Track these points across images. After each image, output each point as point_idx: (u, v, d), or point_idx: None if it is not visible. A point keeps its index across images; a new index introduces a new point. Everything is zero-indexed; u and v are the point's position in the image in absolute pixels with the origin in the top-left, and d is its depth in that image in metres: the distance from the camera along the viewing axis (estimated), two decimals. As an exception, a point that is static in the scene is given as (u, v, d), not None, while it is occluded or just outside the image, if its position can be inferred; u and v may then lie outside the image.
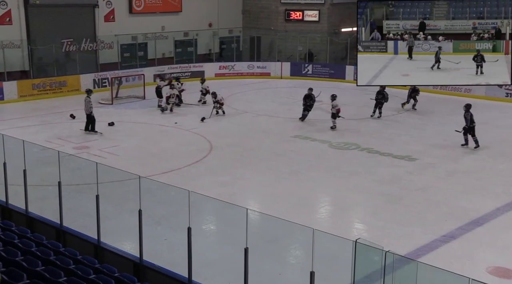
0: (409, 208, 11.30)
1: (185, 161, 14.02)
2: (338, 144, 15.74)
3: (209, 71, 26.42)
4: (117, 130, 17.06)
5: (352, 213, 11.26)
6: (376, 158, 14.58)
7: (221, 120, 18.46)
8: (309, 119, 18.69)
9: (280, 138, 16.36)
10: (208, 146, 15.44)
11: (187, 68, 26.14)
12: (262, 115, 19.38)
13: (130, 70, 24.15)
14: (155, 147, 15.39)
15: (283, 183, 12.65)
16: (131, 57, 25.73)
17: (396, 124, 18.21)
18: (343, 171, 13.52)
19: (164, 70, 25.61)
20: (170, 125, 17.79)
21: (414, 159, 14.37)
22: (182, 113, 19.70)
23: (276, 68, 27.16)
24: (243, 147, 15.47)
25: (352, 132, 17.14)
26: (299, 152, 15.05)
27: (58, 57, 23.51)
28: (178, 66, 26.12)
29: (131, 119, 18.62)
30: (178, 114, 19.49)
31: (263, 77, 27.02)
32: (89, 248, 8.29)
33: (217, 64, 27.21)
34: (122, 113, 19.41)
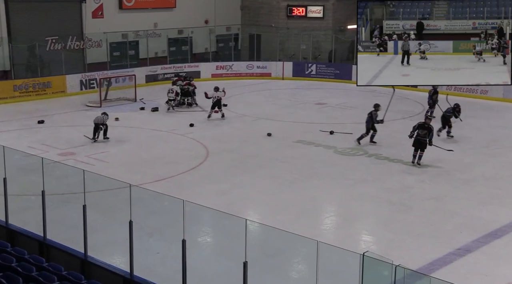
0: (421, 218, 11.30)
1: (179, 168, 14.03)
2: (344, 150, 15.75)
3: (205, 72, 26.50)
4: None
5: (359, 224, 11.26)
6: (385, 165, 14.59)
7: (219, 124, 18.47)
8: (312, 124, 18.70)
9: (282, 144, 16.38)
10: (204, 152, 15.45)
11: (181, 68, 26.17)
12: (263, 119, 19.40)
13: (120, 71, 24.17)
14: (147, 153, 15.40)
15: (285, 192, 12.65)
16: (121, 57, 25.77)
17: (406, 129, 18.19)
18: (349, 178, 13.53)
19: (156, 70, 25.66)
20: (163, 129, 17.81)
21: (426, 166, 14.37)
22: (176, 117, 19.71)
23: (277, 68, 27.23)
24: (242, 153, 15.49)
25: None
26: (302, 158, 15.05)
27: (42, 56, 23.56)
28: (172, 66, 26.16)
29: (121, 123, 18.63)
30: (174, 116, 19.52)
31: (264, 77, 27.08)
32: (75, 263, 8.27)
33: (214, 64, 27.26)
34: (112, 116, 19.41)
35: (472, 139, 16.31)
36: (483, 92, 21.68)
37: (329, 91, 24.44)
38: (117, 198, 10.49)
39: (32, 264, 7.54)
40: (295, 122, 18.96)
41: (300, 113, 20.47)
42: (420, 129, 14.12)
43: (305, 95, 23.56)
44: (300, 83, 26.18)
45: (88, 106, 21.12)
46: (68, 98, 22.40)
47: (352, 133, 17.28)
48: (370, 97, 23.11)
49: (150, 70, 25.48)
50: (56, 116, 19.50)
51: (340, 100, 22.64)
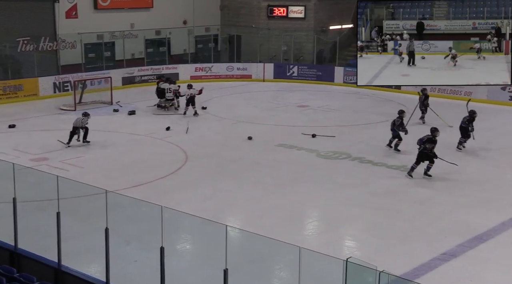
0: (406, 223, 11.37)
1: (158, 173, 13.97)
2: (327, 154, 15.81)
3: (184, 73, 26.41)
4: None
5: (343, 229, 11.30)
6: (369, 168, 14.67)
7: (198, 128, 18.43)
8: (294, 127, 18.75)
9: (264, 147, 16.38)
10: (183, 157, 15.39)
11: (159, 70, 26.08)
12: (243, 122, 19.38)
13: (96, 73, 24.02)
14: (124, 158, 15.30)
15: (267, 197, 12.65)
16: (97, 58, 25.61)
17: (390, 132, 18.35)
18: (333, 183, 13.57)
19: (133, 72, 25.54)
20: (141, 133, 17.71)
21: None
22: (153, 120, 19.61)
23: (258, 70, 27.28)
24: (222, 157, 15.46)
25: (342, 140, 17.22)
26: (285, 162, 15.08)
27: (12, 57, 23.27)
28: (150, 68, 26.06)
29: (97, 126, 18.49)
30: (152, 120, 19.42)
31: (244, 79, 27.08)
32: (48, 272, 8.17)
33: (192, 65, 27.22)
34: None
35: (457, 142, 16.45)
36: (467, 94, 21.93)
37: (311, 93, 24.53)
38: (93, 204, 10.42)
39: (2, 275, 7.43)
40: (276, 125, 18.97)
41: (282, 115, 20.50)
42: (428, 143, 13.71)
43: (287, 98, 23.61)
44: (281, 85, 26.24)
45: (62, 109, 20.92)
46: (40, 102, 22.16)
47: (335, 136, 17.36)
48: (353, 99, 23.29)
49: (126, 72, 25.34)
50: (28, 120, 19.26)
51: (322, 102, 22.73)
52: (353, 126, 18.93)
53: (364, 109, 21.27)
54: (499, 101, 21.18)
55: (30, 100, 22.13)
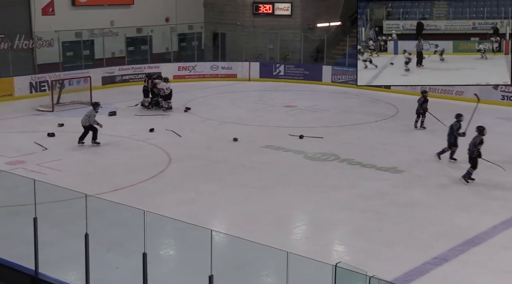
0: (396, 226, 11.44)
1: (140, 176, 13.94)
2: (314, 155, 15.87)
3: (166, 73, 26.31)
4: (59, 142, 16.81)
5: (332, 234, 11.34)
6: (358, 170, 14.75)
7: (182, 129, 18.42)
8: (281, 128, 18.79)
9: (250, 149, 16.41)
10: (166, 159, 15.37)
11: (140, 69, 26.05)
12: (228, 123, 19.41)
13: (74, 72, 23.91)
14: (105, 161, 15.26)
15: (254, 200, 12.67)
16: (75, 57, 25.47)
17: (380, 132, 18.49)
18: (321, 185, 13.63)
19: (114, 71, 25.45)
20: (122, 135, 17.65)
21: (401, 171, 14.59)
22: (135, 121, 19.54)
23: (243, 69, 27.32)
24: (207, 160, 15.46)
25: (330, 141, 17.29)
26: (271, 164, 15.12)
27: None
28: (131, 67, 26.02)
29: (76, 128, 18.39)
30: (133, 121, 19.35)
31: (229, 79, 27.10)
32: (24, 281, 8.12)
33: (175, 64, 27.21)
34: (65, 121, 19.15)
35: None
36: (458, 94, 22.15)
37: (298, 93, 24.62)
38: (72, 209, 10.37)
39: (-23, 284, 7.37)
40: (262, 126, 19.02)
41: (268, 116, 20.54)
42: (480, 145, 13.50)
43: (273, 97, 23.66)
44: (267, 85, 26.29)
45: (39, 110, 20.79)
46: (16, 102, 22.01)
47: (322, 137, 17.43)
48: (341, 99, 23.41)
49: (106, 71, 25.25)
50: (3, 122, 19.11)
51: (310, 102, 22.82)
52: (341, 127, 19.02)
53: (352, 109, 21.40)
54: (491, 100, 21.10)
55: (5, 101, 21.96)
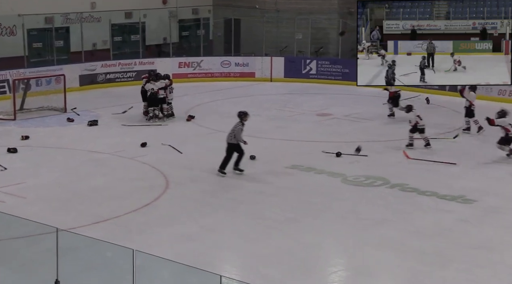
0: (464, 274, 11.35)
1: (128, 205, 13.98)
2: (356, 179, 15.83)
3: (164, 70, 26.16)
4: (23, 159, 16.95)
5: (377, 281, 11.30)
6: (413, 199, 14.69)
7: (183, 143, 18.49)
8: (312, 142, 18.81)
9: (270, 170, 16.42)
10: (162, 182, 15.41)
11: (130, 65, 26.14)
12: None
13: (43, 69, 24.10)
14: (82, 185, 15.31)
15: (274, 237, 12.66)
16: (45, 49, 25.72)
17: (442, 148, 18.43)
18: (364, 218, 13.59)
19: (95, 68, 25.56)
20: (105, 151, 17.74)
21: (471, 201, 14.49)
22: (123, 133, 19.66)
23: (263, 66, 27.37)
24: (214, 183, 15.49)
25: (375, 160, 17.27)
26: (298, 190, 15.09)
27: None
28: (117, 63, 26.12)
29: (45, 142, 18.55)
30: (120, 132, 19.48)
31: (245, 79, 27.20)
32: None
33: (175, 59, 27.32)
34: (31, 133, 19.31)
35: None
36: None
37: (334, 97, 24.61)
38: (39, 248, 10.41)
39: None
40: (287, 140, 19.03)
41: (295, 127, 20.54)
42: None
43: (302, 103, 23.65)
44: (294, 87, 26.29)
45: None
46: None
47: (366, 155, 17.39)
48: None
49: (86, 68, 25.42)
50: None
51: (349, 109, 22.77)
52: (390, 142, 18.99)
53: (404, 118, 21.20)
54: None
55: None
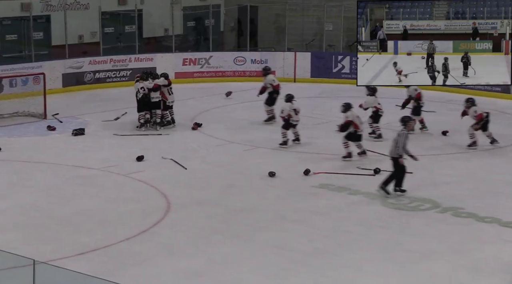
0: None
1: (121, 231, 14.00)
2: (399, 201, 15.80)
3: (164, 68, 26.33)
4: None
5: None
6: (469, 226, 14.65)
7: (188, 157, 18.53)
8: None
9: (294, 190, 16.43)
10: (162, 205, 15.42)
11: (123, 62, 26.24)
12: (261, 148, 19.55)
13: (18, 66, 24.27)
14: (66, 208, 15.33)
15: (299, 273, 12.65)
16: (20, 42, 25.82)
17: (505, 164, 18.41)
18: (408, 250, 13.56)
19: (82, 65, 25.65)
20: (93, 166, 17.82)
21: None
22: (113, 144, 19.73)
23: (285, 63, 27.47)
24: (225, 206, 15.48)
25: (423, 178, 17.28)
26: (328, 215, 15.07)
27: None
28: (108, 59, 26.26)
29: (20, 155, 18.65)
30: (113, 143, 19.56)
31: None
32: None
33: (179, 55, 27.53)
34: (3, 144, 19.42)
35: None
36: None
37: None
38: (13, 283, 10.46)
39: None
40: (315, 154, 19.07)
41: (324, 138, 20.61)
42: None
43: (332, 108, 23.63)
44: (323, 88, 26.35)
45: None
46: None
47: (411, 172, 17.34)
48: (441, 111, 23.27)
49: (70, 65, 25.59)
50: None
51: (390, 115, 22.60)
52: (440, 156, 19.07)
53: (460, 128, 21.14)
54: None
55: None
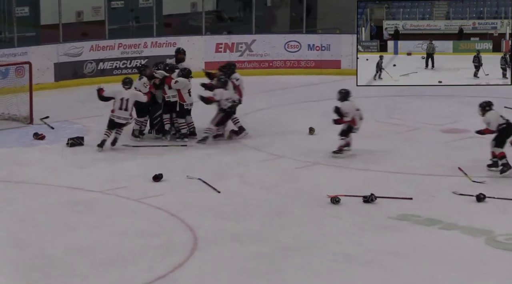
0: None
1: (133, 274, 14.08)
2: (511, 239, 15.70)
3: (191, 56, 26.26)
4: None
5: None
6: None
7: (220, 176, 18.61)
8: (434, 177, 18.90)
9: (365, 221, 16.53)
10: (187, 240, 15.48)
11: (135, 48, 26.41)
12: (320, 165, 19.78)
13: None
14: (58, 242, 15.48)
15: None
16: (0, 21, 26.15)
17: None
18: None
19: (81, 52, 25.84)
20: (94, 188, 18.03)
21: None
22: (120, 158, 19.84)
23: (354, 51, 27.39)
24: (273, 242, 15.52)
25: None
26: (412, 256, 15.07)
27: None
28: (115, 44, 26.49)
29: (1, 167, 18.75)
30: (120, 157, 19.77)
31: (324, 71, 28.15)
32: None
33: (211, 39, 28.02)
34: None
35: None
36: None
37: (468, 102, 24.88)
38: None
39: None
40: (393, 173, 19.25)
41: (406, 150, 20.95)
42: None
43: (417, 111, 23.80)
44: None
45: None
46: None
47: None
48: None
49: (66, 52, 25.97)
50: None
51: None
52: None
53: None
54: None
55: None
